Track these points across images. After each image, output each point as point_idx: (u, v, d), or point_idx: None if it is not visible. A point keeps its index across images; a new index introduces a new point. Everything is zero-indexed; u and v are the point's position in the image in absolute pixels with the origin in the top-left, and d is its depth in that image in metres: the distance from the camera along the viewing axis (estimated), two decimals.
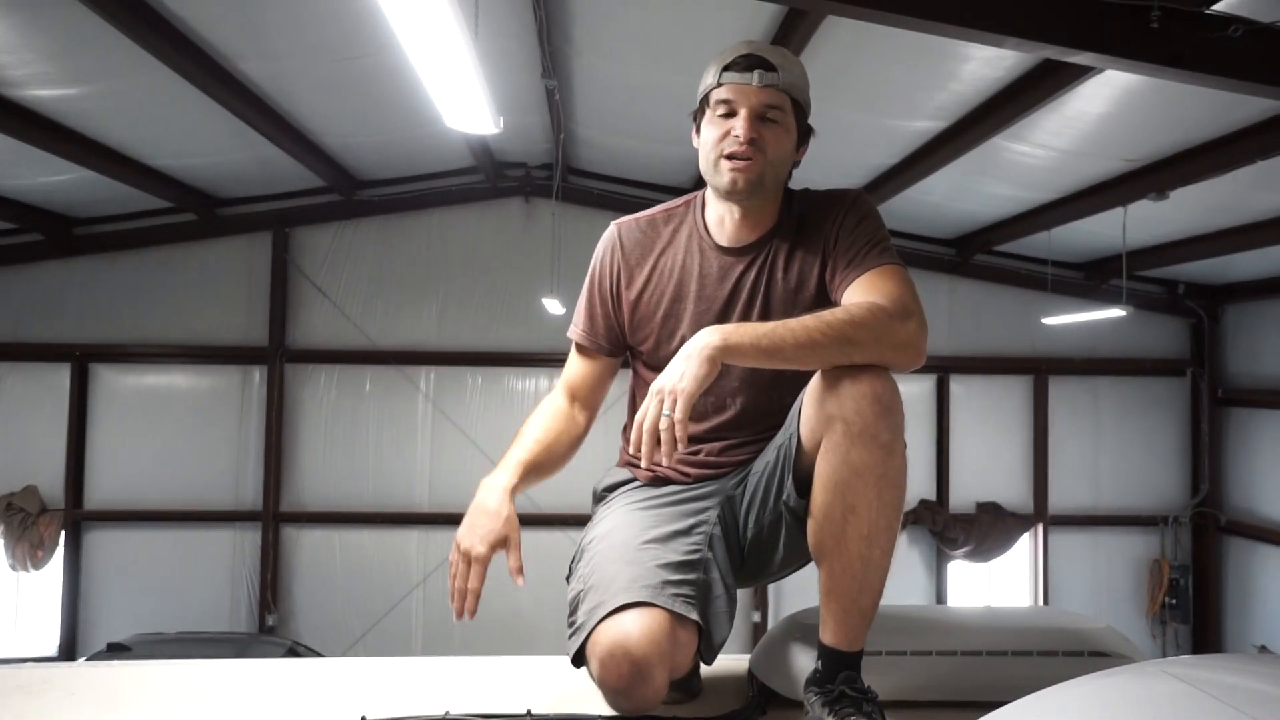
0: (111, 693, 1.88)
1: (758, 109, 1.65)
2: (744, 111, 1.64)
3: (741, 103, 1.65)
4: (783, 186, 1.76)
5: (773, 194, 1.74)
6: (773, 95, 1.65)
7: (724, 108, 1.67)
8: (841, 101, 5.33)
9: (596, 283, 1.86)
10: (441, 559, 8.87)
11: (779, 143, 1.67)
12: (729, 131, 1.65)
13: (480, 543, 1.63)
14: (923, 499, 9.12)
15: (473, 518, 1.67)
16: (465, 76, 2.85)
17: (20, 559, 8.42)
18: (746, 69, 1.64)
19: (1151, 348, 9.27)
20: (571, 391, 1.91)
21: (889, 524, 1.51)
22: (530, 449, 1.80)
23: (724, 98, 1.66)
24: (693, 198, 1.85)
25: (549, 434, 1.84)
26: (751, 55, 1.66)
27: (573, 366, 1.92)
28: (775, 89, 1.65)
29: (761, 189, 1.68)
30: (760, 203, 1.73)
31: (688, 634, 1.57)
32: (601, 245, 1.87)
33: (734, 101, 1.65)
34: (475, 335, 9.03)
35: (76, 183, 7.00)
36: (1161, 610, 9.22)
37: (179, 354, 8.85)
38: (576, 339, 1.89)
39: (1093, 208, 6.45)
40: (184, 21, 4.73)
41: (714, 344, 1.47)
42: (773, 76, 1.64)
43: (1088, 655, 1.81)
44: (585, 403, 1.91)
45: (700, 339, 1.49)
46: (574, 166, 8.54)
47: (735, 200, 1.72)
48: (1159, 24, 3.29)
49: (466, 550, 1.64)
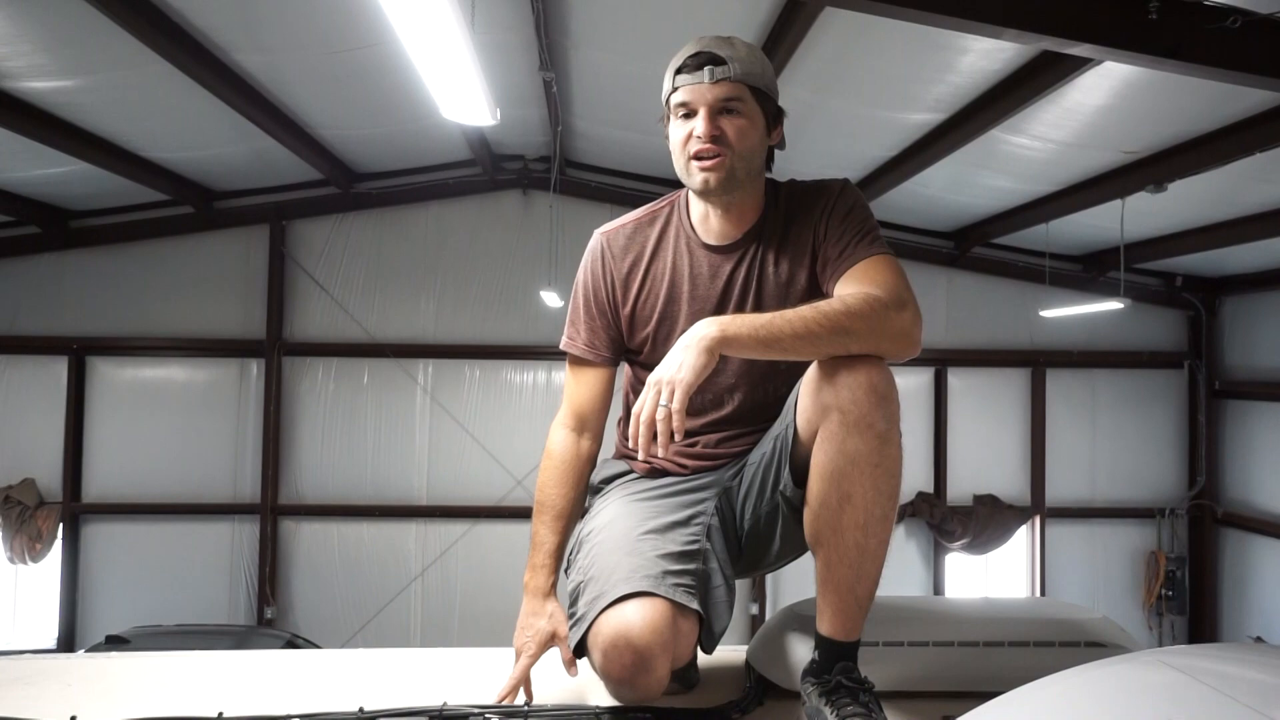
0: (108, 684, 1.88)
1: (715, 105, 1.64)
2: (702, 111, 1.65)
3: (698, 102, 1.65)
4: (759, 176, 1.75)
5: (750, 186, 1.72)
6: (728, 88, 1.64)
7: (683, 110, 1.67)
8: (839, 94, 5.32)
9: (591, 294, 1.84)
10: (439, 551, 8.90)
11: (743, 134, 1.66)
12: (691, 133, 1.65)
13: (532, 643, 1.73)
14: (920, 491, 9.13)
15: (523, 621, 1.76)
16: (462, 68, 2.84)
17: (18, 552, 8.42)
18: (697, 68, 1.64)
19: (1149, 340, 9.28)
20: (579, 416, 1.86)
21: (885, 513, 1.52)
22: (558, 531, 1.80)
23: (681, 100, 1.66)
24: (675, 197, 1.84)
25: (569, 502, 1.82)
26: (700, 53, 1.65)
27: (577, 386, 1.87)
28: (729, 81, 1.64)
29: (735, 183, 1.68)
30: (740, 196, 1.72)
31: (689, 623, 1.57)
32: (589, 257, 1.85)
33: (691, 102, 1.65)
34: (473, 328, 9.03)
35: (73, 175, 6.98)
36: (1158, 602, 9.25)
37: (176, 347, 8.84)
38: (577, 353, 1.85)
39: (1091, 200, 6.44)
40: (180, 14, 4.72)
41: (712, 335, 1.47)
42: (724, 70, 1.63)
43: (1084, 646, 1.81)
44: (593, 423, 1.87)
45: (698, 330, 1.49)
46: (571, 159, 8.53)
47: (712, 200, 1.72)
48: (1157, 15, 3.30)
49: (518, 649, 1.74)
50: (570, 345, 1.86)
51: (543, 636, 1.73)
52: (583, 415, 1.86)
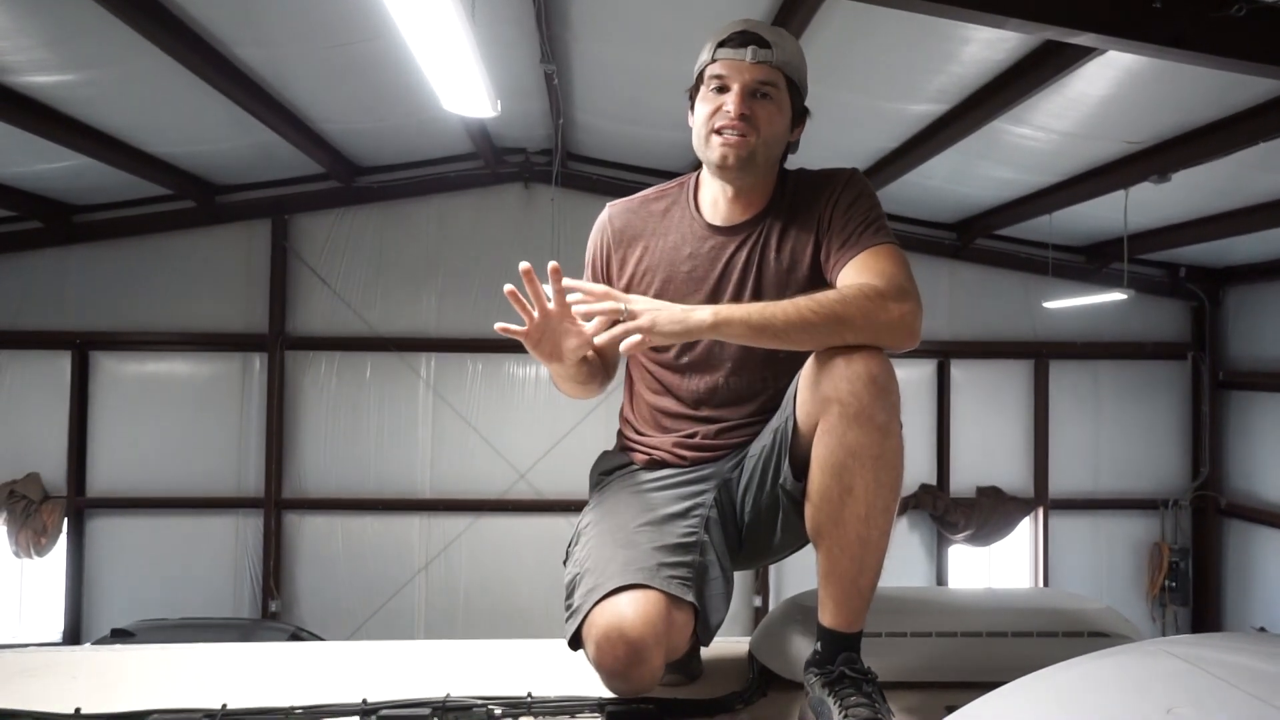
0: (114, 676, 1.89)
1: (750, 85, 1.64)
2: (737, 87, 1.64)
3: (734, 78, 1.65)
4: (776, 166, 1.75)
5: (765, 172, 1.73)
6: (766, 72, 1.64)
7: (717, 83, 1.66)
8: (841, 85, 5.30)
9: (592, 264, 1.86)
10: (443, 544, 8.91)
11: (771, 120, 1.66)
12: (721, 106, 1.65)
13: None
14: (923, 483, 9.13)
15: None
16: (463, 60, 2.84)
17: (24, 546, 8.44)
18: (741, 45, 1.64)
19: (1152, 331, 9.26)
20: None
21: (886, 505, 1.51)
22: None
23: (717, 73, 1.66)
24: (687, 179, 1.84)
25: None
26: (747, 32, 1.66)
27: None
28: (769, 65, 1.64)
29: (753, 165, 1.68)
30: (752, 181, 1.72)
31: (683, 616, 1.57)
32: (595, 229, 1.88)
33: (727, 77, 1.65)
34: (475, 321, 9.02)
35: (75, 170, 6.97)
36: (1161, 593, 9.25)
37: (179, 341, 8.85)
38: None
39: (1094, 191, 6.42)
40: (181, 8, 4.71)
41: (703, 318, 1.49)
42: (767, 53, 1.64)
43: (1087, 636, 1.81)
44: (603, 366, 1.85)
45: (695, 312, 1.50)
46: (573, 152, 8.51)
47: (727, 177, 1.71)
48: (1161, 4, 3.28)
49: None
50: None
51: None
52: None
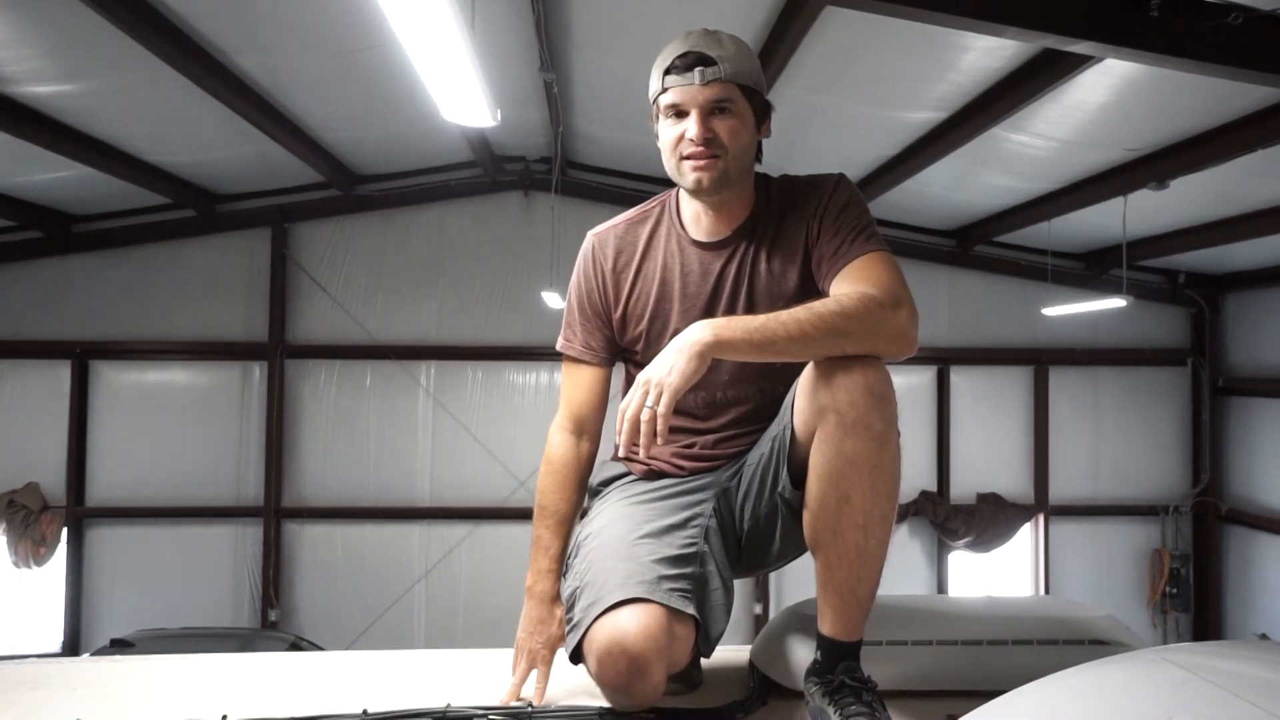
0: (113, 688, 1.88)
1: (707, 106, 1.63)
2: (694, 113, 1.63)
3: (689, 104, 1.63)
4: (750, 173, 1.74)
5: (741, 184, 1.72)
6: (719, 89, 1.62)
7: (673, 110, 1.65)
8: (840, 93, 5.32)
9: (585, 296, 1.84)
10: (443, 552, 8.90)
11: (736, 134, 1.65)
12: (684, 134, 1.64)
13: (544, 647, 1.78)
14: (923, 490, 9.11)
15: (530, 626, 1.79)
16: (463, 69, 2.84)
17: (23, 556, 8.43)
18: (687, 69, 1.62)
19: (1152, 337, 9.26)
20: (577, 419, 1.86)
21: (884, 514, 1.51)
22: (561, 535, 1.82)
23: (671, 101, 1.65)
24: (666, 196, 1.84)
25: (571, 505, 1.83)
26: (689, 53, 1.62)
27: (574, 387, 1.87)
28: (720, 82, 1.62)
29: (728, 182, 1.67)
30: (731, 195, 1.71)
31: (684, 628, 1.56)
32: (582, 259, 1.85)
33: (682, 104, 1.64)
34: (475, 329, 9.03)
35: (75, 179, 6.98)
36: (1162, 599, 9.23)
37: (179, 350, 8.85)
38: (573, 354, 1.85)
39: (1093, 198, 6.43)
40: (181, 17, 4.72)
41: (705, 339, 1.46)
42: (714, 70, 1.61)
43: (1088, 644, 1.81)
44: (591, 425, 1.87)
45: (692, 334, 1.47)
46: (573, 160, 8.52)
47: (704, 200, 1.71)
48: (1159, 13, 3.29)
49: (532, 653, 1.78)
50: (566, 347, 1.86)
51: (555, 641, 1.76)
52: (580, 417, 1.86)
